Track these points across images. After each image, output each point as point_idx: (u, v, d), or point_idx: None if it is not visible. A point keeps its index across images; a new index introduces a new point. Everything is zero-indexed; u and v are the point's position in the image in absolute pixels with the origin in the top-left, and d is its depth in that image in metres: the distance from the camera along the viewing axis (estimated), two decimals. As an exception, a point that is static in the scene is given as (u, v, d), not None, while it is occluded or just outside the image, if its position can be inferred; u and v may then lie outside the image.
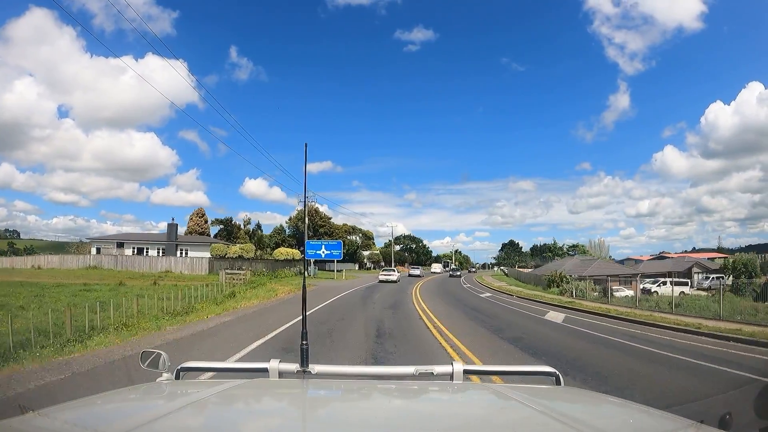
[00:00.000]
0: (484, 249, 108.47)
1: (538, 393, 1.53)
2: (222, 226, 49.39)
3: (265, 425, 1.23)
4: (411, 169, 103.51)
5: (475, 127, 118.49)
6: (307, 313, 1.22)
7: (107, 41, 69.33)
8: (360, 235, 70.77)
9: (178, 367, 1.55)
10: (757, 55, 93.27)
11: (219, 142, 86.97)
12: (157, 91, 56.90)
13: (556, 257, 50.51)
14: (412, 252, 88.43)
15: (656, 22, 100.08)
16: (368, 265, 62.12)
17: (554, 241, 61.76)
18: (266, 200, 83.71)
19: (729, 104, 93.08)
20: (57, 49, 58.75)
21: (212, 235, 45.96)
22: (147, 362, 1.63)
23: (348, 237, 58.89)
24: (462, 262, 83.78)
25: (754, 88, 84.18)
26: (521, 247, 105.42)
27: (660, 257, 44.03)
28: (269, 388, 1.53)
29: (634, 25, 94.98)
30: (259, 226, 51.93)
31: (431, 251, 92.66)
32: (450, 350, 6.50)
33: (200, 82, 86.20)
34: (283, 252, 39.02)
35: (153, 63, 56.19)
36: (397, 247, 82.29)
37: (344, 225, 59.53)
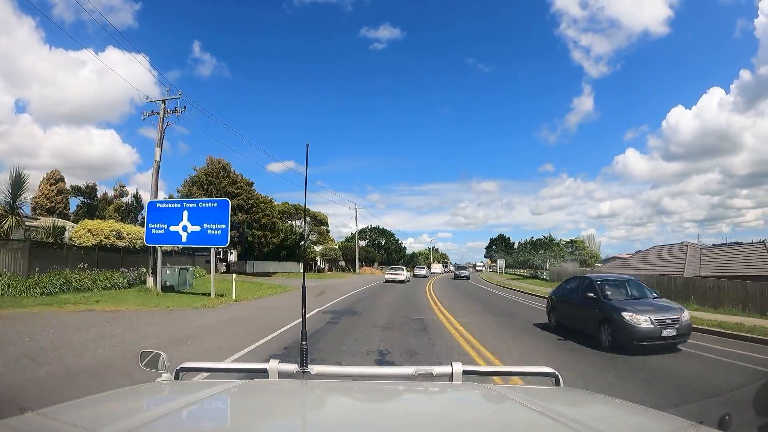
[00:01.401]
0: (448, 249, 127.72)
1: (537, 393, 1.57)
2: (82, 199, 37.26)
3: (264, 426, 1.24)
4: (374, 169, 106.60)
5: (439, 129, 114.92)
6: None
7: (67, 33, 66.50)
8: (309, 221, 58.38)
9: (178, 368, 1.61)
10: (719, 61, 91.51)
11: (180, 141, 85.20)
12: (132, 85, 62.05)
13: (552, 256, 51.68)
14: (382, 248, 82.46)
15: (622, 25, 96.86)
16: (321, 264, 53.53)
17: (550, 236, 63.85)
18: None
19: (690, 109, 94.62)
20: (15, 40, 57.15)
21: (73, 211, 34.52)
22: (146, 362, 1.66)
23: (289, 222, 50.05)
24: (440, 260, 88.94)
25: (715, 93, 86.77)
26: (513, 243, 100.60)
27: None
28: (268, 388, 1.58)
29: (600, 29, 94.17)
30: (137, 198, 38.97)
31: (405, 248, 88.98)
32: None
33: (163, 76, 76.87)
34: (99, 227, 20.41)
35: (114, 56, 53.64)
36: (363, 243, 75.22)
37: (284, 204, 50.47)
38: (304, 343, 1.71)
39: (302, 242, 39.94)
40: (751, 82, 78.55)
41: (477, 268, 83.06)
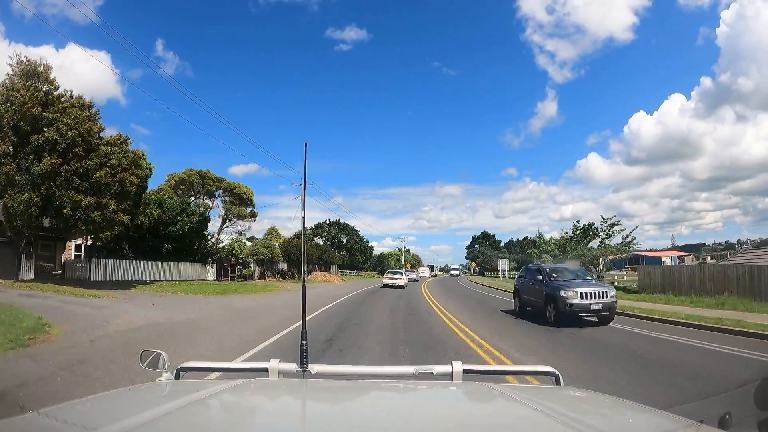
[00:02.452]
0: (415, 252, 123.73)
1: (537, 393, 1.67)
2: None
3: (264, 425, 1.30)
4: (337, 172, 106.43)
5: (404, 132, 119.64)
6: None
7: (27, 28, 55.84)
8: (222, 196, 40.69)
9: (178, 367, 1.68)
10: (681, 68, 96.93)
11: (141, 142, 73.25)
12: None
13: (543, 254, 44.09)
14: (343, 248, 70.73)
15: (588, 31, 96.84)
16: (252, 267, 39.93)
17: (539, 234, 55.92)
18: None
19: (652, 114, 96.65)
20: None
21: None
22: (147, 362, 1.72)
23: (192, 200, 37.00)
24: (413, 263, 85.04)
25: (677, 99, 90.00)
26: (499, 242, 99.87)
27: (634, 255, 49.10)
28: (269, 388, 1.64)
29: (566, 34, 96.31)
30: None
31: (371, 249, 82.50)
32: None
33: (123, 76, 60.49)
34: None
35: (75, 54, 40.01)
36: (320, 241, 64.39)
37: (186, 171, 37.91)
38: (304, 342, 1.82)
39: (206, 234, 33.86)
40: (711, 88, 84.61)
41: (451, 272, 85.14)
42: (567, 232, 32.17)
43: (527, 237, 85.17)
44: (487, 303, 20.09)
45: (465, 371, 1.66)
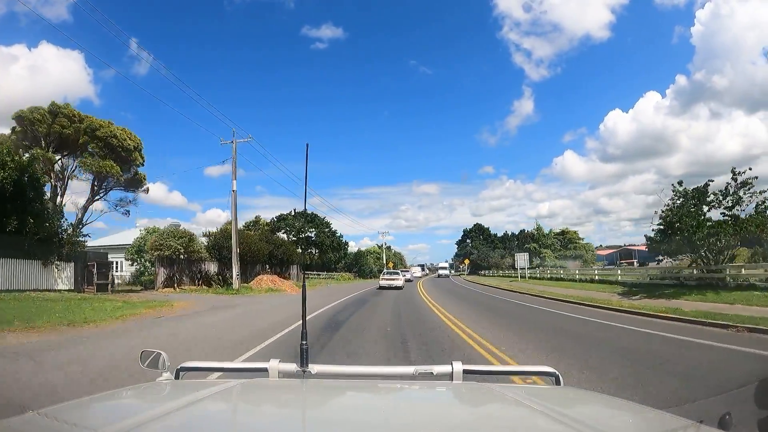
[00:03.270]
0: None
1: (537, 393, 1.72)
2: None
3: (264, 425, 1.32)
4: (316, 172, 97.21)
5: (381, 131, 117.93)
6: None
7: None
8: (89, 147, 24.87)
9: (178, 367, 1.70)
10: (657, 66, 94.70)
11: None
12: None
13: (543, 249, 52.58)
14: (311, 244, 57.68)
15: (564, 29, 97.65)
16: (154, 268, 29.15)
17: (538, 226, 64.60)
18: (166, 205, 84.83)
19: (627, 112, 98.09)
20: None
21: None
22: (147, 362, 1.74)
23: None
24: (396, 262, 76.60)
25: (652, 97, 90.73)
26: (494, 236, 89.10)
27: (625, 250, 60.37)
28: (269, 388, 1.67)
29: (542, 32, 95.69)
30: None
31: (346, 245, 68.35)
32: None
33: (97, 75, 79.27)
34: None
35: (47, 52, 48.48)
36: (283, 235, 52.93)
37: None
38: (304, 342, 1.82)
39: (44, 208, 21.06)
40: (686, 86, 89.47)
41: (440, 272, 77.08)
42: (674, 196, 18.69)
43: (524, 230, 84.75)
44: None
45: (465, 371, 1.74)
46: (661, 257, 28.06)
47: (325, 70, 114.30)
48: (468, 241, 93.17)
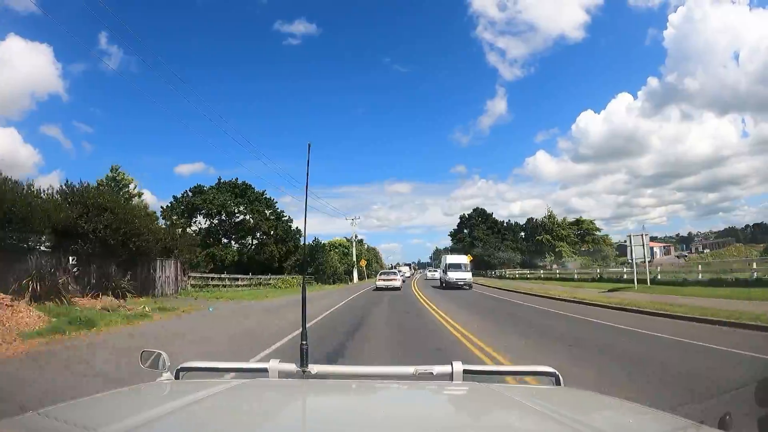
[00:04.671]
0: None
1: (537, 393, 1.74)
2: None
3: (264, 425, 1.35)
4: (289, 171, 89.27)
5: (354, 130, 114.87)
6: None
7: None
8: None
9: (178, 367, 1.72)
10: (629, 68, 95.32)
11: (83, 141, 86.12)
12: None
13: (557, 242, 43.91)
14: (241, 230, 41.62)
15: (539, 29, 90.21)
16: None
17: (550, 214, 51.79)
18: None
19: (599, 113, 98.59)
20: None
21: None
22: (147, 362, 1.75)
23: None
24: (370, 260, 67.24)
25: (624, 98, 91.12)
26: (500, 224, 73.02)
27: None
28: (269, 388, 1.68)
29: (517, 32, 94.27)
30: None
31: (296, 231, 45.37)
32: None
33: (66, 70, 76.46)
34: None
35: (15, 45, 57.52)
36: (202, 221, 40.43)
37: None
38: (304, 342, 1.86)
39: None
40: (658, 89, 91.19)
41: (428, 274, 63.43)
42: None
43: (533, 219, 71.21)
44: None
45: (465, 371, 1.74)
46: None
47: (296, 70, 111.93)
48: (466, 231, 74.28)
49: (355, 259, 53.31)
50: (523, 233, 68.47)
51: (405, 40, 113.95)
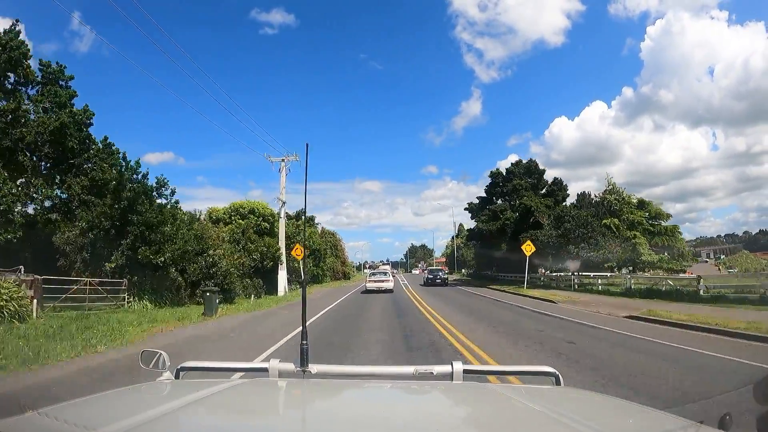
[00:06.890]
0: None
1: (537, 393, 1.75)
2: None
3: (264, 425, 1.35)
4: (257, 165, 75.75)
5: (326, 126, 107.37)
6: None
7: None
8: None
9: (178, 367, 1.72)
10: (605, 77, 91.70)
11: None
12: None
13: (629, 230, 26.62)
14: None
15: (518, 32, 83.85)
16: None
17: (612, 186, 31.72)
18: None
19: (573, 119, 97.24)
20: None
21: None
22: (147, 362, 1.75)
23: None
24: (323, 249, 57.41)
25: (598, 106, 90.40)
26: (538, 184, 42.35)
27: None
28: (269, 387, 1.68)
29: (496, 33, 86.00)
30: None
31: (196, 216, 30.19)
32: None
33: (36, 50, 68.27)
34: None
35: None
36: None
37: None
38: (304, 342, 1.85)
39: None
40: (632, 99, 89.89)
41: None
42: None
43: (587, 193, 38.59)
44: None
45: (465, 371, 1.74)
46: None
47: (271, 61, 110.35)
48: (494, 198, 41.94)
49: (282, 244, 29.03)
50: (570, 216, 31.65)
51: (382, 36, 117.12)
